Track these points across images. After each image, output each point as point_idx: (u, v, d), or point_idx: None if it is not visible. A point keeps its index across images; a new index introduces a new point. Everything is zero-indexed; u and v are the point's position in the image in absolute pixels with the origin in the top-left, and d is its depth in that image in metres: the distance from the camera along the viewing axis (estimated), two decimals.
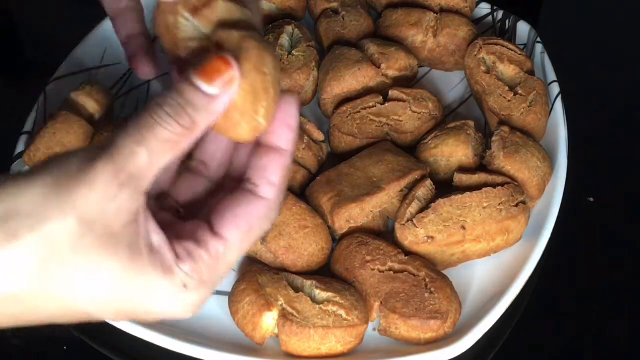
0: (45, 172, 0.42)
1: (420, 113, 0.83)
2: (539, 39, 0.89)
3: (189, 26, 0.50)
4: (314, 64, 0.87)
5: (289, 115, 0.49)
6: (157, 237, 0.45)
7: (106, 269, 0.43)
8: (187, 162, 0.52)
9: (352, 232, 0.77)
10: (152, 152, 0.44)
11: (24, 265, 0.42)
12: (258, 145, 0.50)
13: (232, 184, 0.51)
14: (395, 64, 0.86)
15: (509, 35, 0.91)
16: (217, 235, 0.47)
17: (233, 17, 0.49)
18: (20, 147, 0.83)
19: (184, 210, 0.50)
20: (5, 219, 0.41)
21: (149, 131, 0.43)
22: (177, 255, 0.46)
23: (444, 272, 0.75)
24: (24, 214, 0.41)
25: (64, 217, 0.42)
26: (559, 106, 0.84)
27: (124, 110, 0.88)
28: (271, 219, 0.50)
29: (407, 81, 0.88)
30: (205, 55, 0.47)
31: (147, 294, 0.45)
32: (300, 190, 0.80)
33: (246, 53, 0.47)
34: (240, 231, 0.48)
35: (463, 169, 0.79)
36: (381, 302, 0.72)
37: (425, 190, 0.77)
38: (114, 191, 0.43)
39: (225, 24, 0.49)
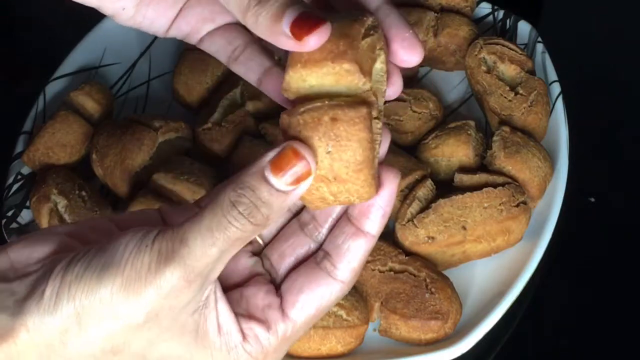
0: (116, 271, 0.43)
1: (420, 113, 0.83)
2: (539, 39, 0.89)
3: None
4: None
5: (387, 202, 0.47)
6: (226, 318, 0.45)
7: (169, 349, 0.45)
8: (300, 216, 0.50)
9: None
10: (223, 250, 0.43)
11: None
12: (345, 221, 0.47)
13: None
14: None
15: (510, 34, 0.91)
16: (286, 317, 0.47)
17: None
18: (19, 147, 0.83)
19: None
20: (78, 316, 0.43)
21: (221, 232, 0.43)
22: (244, 336, 0.46)
23: (445, 272, 0.75)
24: (94, 313, 0.43)
25: (131, 317, 0.43)
26: (559, 106, 0.84)
27: (124, 110, 0.88)
28: (339, 299, 0.48)
29: (408, 81, 0.87)
30: (279, 143, 0.43)
31: None
32: None
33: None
34: (309, 314, 0.47)
35: (464, 169, 0.79)
36: (381, 303, 0.72)
37: (425, 190, 0.76)
38: (182, 288, 0.43)
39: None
